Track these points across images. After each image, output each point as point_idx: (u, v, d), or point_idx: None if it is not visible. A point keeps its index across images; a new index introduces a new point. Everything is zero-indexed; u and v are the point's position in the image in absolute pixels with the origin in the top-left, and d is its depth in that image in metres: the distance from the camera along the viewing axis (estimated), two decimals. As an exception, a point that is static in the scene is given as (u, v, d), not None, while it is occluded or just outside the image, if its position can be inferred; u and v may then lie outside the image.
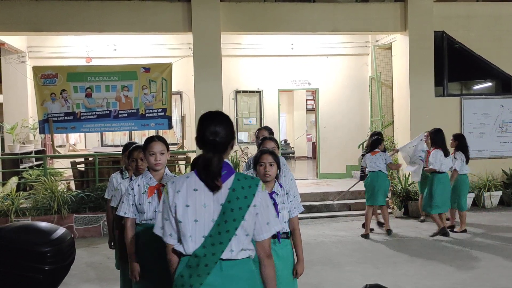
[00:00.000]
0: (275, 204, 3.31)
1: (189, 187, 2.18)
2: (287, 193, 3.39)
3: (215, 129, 2.17)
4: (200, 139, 2.21)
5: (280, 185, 3.42)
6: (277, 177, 3.45)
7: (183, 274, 2.15)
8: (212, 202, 2.16)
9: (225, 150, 2.20)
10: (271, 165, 3.32)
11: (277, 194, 3.35)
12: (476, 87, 10.27)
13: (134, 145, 4.00)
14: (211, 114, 2.26)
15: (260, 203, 2.21)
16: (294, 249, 3.43)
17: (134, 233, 3.38)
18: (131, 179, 3.89)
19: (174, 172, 9.06)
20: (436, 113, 9.42)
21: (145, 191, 3.34)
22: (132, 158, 3.86)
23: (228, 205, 2.15)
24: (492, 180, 9.46)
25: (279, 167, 3.41)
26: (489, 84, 10.18)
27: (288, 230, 3.37)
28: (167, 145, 3.43)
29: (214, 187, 2.15)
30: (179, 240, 2.19)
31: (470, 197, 9.23)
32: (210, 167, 2.14)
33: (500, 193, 9.40)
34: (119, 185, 4.08)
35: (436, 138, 7.36)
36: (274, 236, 3.29)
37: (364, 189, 7.54)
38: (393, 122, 10.67)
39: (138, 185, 3.38)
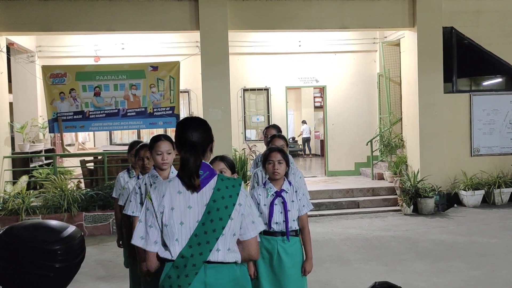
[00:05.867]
0: (284, 203, 3.31)
1: (172, 190, 2.18)
2: (296, 191, 3.39)
3: (192, 132, 2.21)
4: (179, 142, 2.24)
5: (290, 183, 3.42)
6: (286, 175, 3.45)
7: (171, 275, 2.13)
8: (197, 203, 2.16)
9: (203, 152, 2.24)
10: (280, 163, 3.33)
11: (286, 192, 3.35)
12: (486, 83, 10.18)
13: (140, 144, 4.01)
14: (188, 119, 2.31)
15: (244, 202, 2.23)
16: (303, 246, 3.44)
17: None
18: (138, 178, 3.90)
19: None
20: (445, 110, 9.36)
21: None
22: (138, 156, 3.87)
23: (214, 204, 2.15)
24: (502, 177, 9.38)
25: (288, 165, 3.41)
26: (499, 80, 10.08)
27: (297, 227, 3.38)
28: (173, 144, 3.43)
29: (191, 186, 2.16)
30: (164, 246, 2.18)
31: (480, 194, 9.18)
32: (187, 167, 2.16)
33: (510, 189, 9.32)
34: (126, 184, 4.09)
35: None
36: (283, 234, 3.30)
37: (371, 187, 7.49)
38: (401, 119, 10.62)
39: (145, 184, 3.38)
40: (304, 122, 17.93)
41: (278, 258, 3.29)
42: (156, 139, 3.39)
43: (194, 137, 2.21)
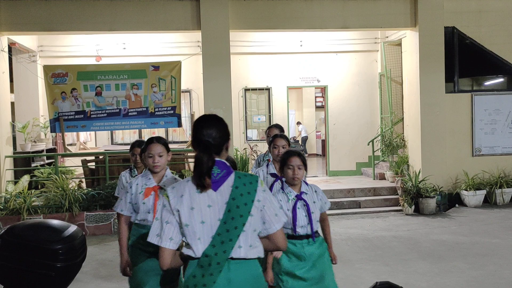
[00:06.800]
0: (306, 205, 3.29)
1: (191, 190, 2.20)
2: (315, 191, 3.39)
3: (207, 131, 2.22)
4: (194, 141, 2.26)
5: (306, 183, 3.42)
6: None
7: (196, 274, 2.16)
8: (216, 202, 2.18)
9: (219, 151, 2.25)
10: (299, 168, 3.31)
11: (306, 194, 3.34)
12: (488, 83, 10.17)
13: (135, 141, 4.10)
14: (205, 117, 2.31)
15: (264, 197, 2.25)
16: (324, 236, 3.54)
17: (127, 230, 3.42)
18: None
19: (184, 170, 9.08)
20: (447, 110, 9.35)
21: (142, 191, 3.32)
22: (132, 152, 3.94)
23: (233, 202, 2.17)
24: (504, 177, 9.36)
25: (306, 169, 3.41)
26: (501, 80, 10.06)
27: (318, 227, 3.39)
28: (167, 147, 3.40)
29: (201, 186, 2.17)
30: (187, 245, 2.20)
31: (481, 194, 9.17)
32: (199, 166, 2.17)
33: (512, 190, 9.31)
34: (126, 183, 4.13)
35: None
36: (308, 236, 3.28)
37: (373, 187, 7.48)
38: (403, 119, 10.61)
39: (137, 184, 3.37)
40: (299, 123, 18.31)
41: (307, 261, 3.25)
42: (148, 141, 3.39)
43: (208, 136, 2.22)
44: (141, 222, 3.32)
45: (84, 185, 9.22)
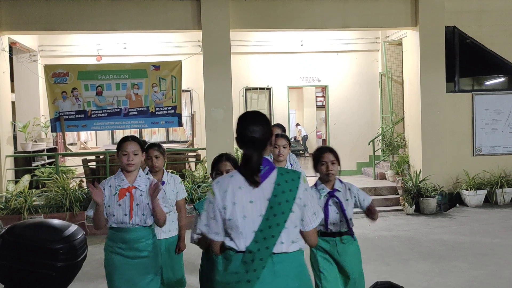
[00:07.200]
0: (338, 202, 3.29)
1: (234, 185, 2.23)
2: (349, 189, 3.39)
3: (253, 127, 2.25)
4: (240, 138, 2.29)
5: (340, 181, 3.40)
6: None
7: (239, 271, 2.19)
8: (258, 198, 2.21)
9: (264, 147, 2.28)
10: (333, 163, 3.32)
11: (339, 191, 3.34)
12: (488, 82, 10.16)
13: (149, 143, 4.08)
14: (249, 113, 2.35)
15: (304, 195, 2.27)
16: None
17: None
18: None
19: (184, 169, 9.08)
20: (447, 109, 9.34)
21: (116, 193, 3.25)
22: (147, 156, 3.92)
23: (275, 199, 2.20)
24: (504, 177, 9.35)
25: (339, 165, 3.40)
26: (502, 79, 10.05)
27: (352, 226, 3.41)
28: (141, 146, 3.38)
29: (253, 182, 2.21)
30: (229, 238, 2.24)
31: (482, 194, 9.16)
32: (250, 163, 2.21)
33: (513, 189, 9.30)
34: None
35: None
36: (341, 234, 3.38)
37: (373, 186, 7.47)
38: (403, 118, 10.60)
39: (110, 186, 3.29)
40: (298, 124, 18.49)
41: (338, 257, 3.31)
42: (123, 139, 3.35)
43: (255, 133, 2.25)
44: (119, 225, 3.24)
45: (84, 184, 9.22)
